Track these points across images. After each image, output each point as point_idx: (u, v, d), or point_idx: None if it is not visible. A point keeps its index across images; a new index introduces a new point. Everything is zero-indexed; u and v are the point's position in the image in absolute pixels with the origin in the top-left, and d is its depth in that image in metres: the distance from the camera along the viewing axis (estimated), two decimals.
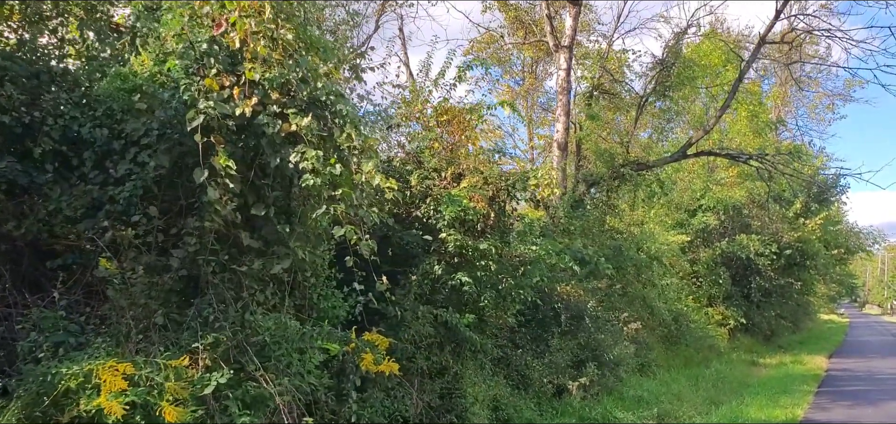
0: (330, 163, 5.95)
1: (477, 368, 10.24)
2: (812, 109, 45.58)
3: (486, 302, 9.44)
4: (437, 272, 9.31)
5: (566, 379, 12.57)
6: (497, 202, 9.87)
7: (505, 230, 10.43)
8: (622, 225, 20.34)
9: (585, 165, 20.22)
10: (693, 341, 21.43)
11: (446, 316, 8.85)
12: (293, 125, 6.04)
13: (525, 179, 10.23)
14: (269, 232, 6.26)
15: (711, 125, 19.57)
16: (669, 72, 18.66)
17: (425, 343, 8.88)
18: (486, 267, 9.52)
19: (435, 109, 10.29)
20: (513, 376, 11.82)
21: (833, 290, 61.47)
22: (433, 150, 10.08)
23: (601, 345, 13.69)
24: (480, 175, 9.75)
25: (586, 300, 13.76)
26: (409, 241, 9.60)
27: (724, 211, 28.13)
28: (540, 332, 13.12)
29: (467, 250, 9.44)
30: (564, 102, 19.70)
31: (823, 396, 17.29)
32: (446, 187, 9.70)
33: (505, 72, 30.03)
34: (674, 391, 16.06)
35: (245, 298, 6.18)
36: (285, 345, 6.10)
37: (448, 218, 9.27)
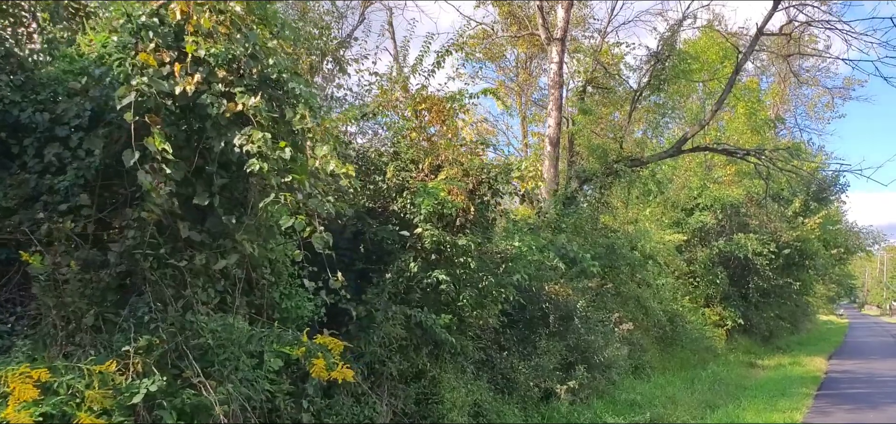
0: (279, 146, 5.37)
1: (457, 371, 9.66)
2: (811, 108, 45.11)
3: (464, 302, 8.85)
4: (412, 270, 8.73)
5: (554, 383, 11.99)
6: (477, 196, 9.28)
7: (487, 226, 9.85)
8: (616, 223, 19.77)
9: (578, 161, 19.63)
10: (689, 342, 20.86)
11: (421, 317, 8.26)
12: (240, 105, 5.46)
13: (508, 171, 9.64)
14: (213, 224, 5.68)
15: (708, 119, 18.98)
16: (664, 65, 18.06)
17: (397, 346, 8.28)
18: (465, 264, 8.94)
19: (412, 97, 9.71)
20: (497, 379, 11.24)
21: (832, 290, 60.97)
22: (411, 140, 9.50)
23: (591, 347, 13.10)
24: (460, 167, 9.15)
25: (576, 300, 13.17)
26: (383, 236, 9.02)
27: (721, 210, 27.55)
28: (527, 333, 12.54)
29: (445, 246, 8.85)
30: (556, 97, 19.14)
31: (823, 399, 16.73)
32: (424, 179, 9.11)
33: (498, 68, 29.48)
34: (668, 394, 15.49)
35: (187, 296, 5.59)
36: (232, 348, 5.51)
37: (424, 212, 8.68)
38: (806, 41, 22.15)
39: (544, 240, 9.57)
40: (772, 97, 38.74)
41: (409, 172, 9.29)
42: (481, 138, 10.33)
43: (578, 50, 21.39)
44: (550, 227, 16.58)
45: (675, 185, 27.46)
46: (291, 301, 7.49)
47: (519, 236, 9.52)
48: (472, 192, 9.24)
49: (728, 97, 31.04)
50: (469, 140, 10.18)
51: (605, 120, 19.74)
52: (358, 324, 8.07)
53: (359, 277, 9.08)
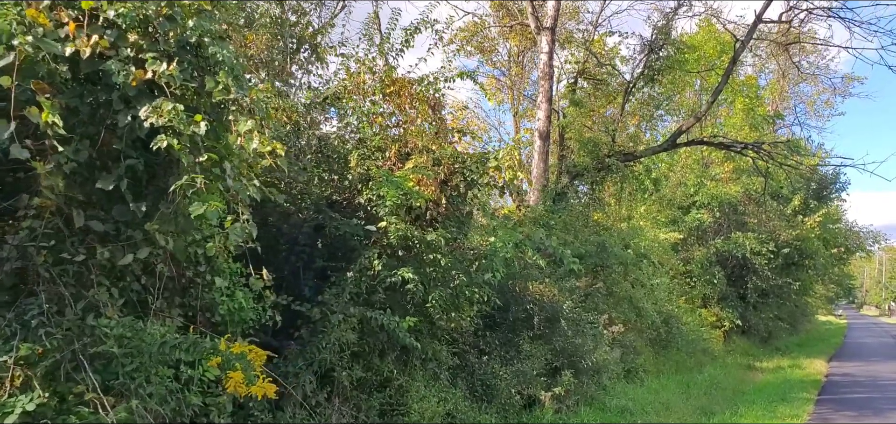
0: (194, 120, 4.55)
1: (428, 379, 8.83)
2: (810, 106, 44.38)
3: (434, 303, 8.02)
4: (376, 268, 7.90)
5: (538, 389, 11.17)
6: (450, 187, 8.46)
7: (462, 220, 9.04)
8: (609, 220, 18.97)
9: (569, 155, 18.82)
10: (685, 344, 20.05)
11: (383, 319, 7.43)
12: (150, 72, 4.65)
13: (484, 160, 8.81)
14: (120, 213, 4.85)
15: (704, 111, 18.19)
16: (658, 55, 17.27)
17: (351, 352, 7.46)
18: (435, 262, 8.12)
19: (380, 80, 8.89)
20: (476, 386, 10.42)
21: (831, 291, 60.27)
22: (378, 125, 8.69)
23: (579, 350, 12.26)
24: (430, 155, 8.33)
25: (562, 301, 12.34)
26: (346, 231, 8.20)
27: (718, 208, 26.78)
28: (510, 336, 11.72)
29: (413, 241, 8.04)
30: (546, 89, 18.33)
31: (824, 404, 15.94)
32: (391, 168, 8.30)
33: (490, 62, 28.71)
34: (662, 399, 14.69)
35: (90, 297, 4.77)
36: (141, 358, 4.70)
37: (389, 204, 7.87)
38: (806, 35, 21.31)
39: (520, 235, 8.74)
40: (770, 93, 37.97)
41: (375, 160, 8.48)
42: (458, 126, 9.52)
43: (570, 40, 20.57)
44: (538, 223, 15.80)
45: (672, 182, 26.67)
46: (233, 303, 6.67)
47: (494, 231, 8.68)
48: (444, 183, 8.43)
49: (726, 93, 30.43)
50: (443, 127, 9.39)
51: (597, 113, 18.91)
52: (311, 328, 7.25)
53: (319, 276, 8.28)
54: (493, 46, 28.82)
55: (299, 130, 8.63)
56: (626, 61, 19.17)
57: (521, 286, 12.20)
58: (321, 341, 7.05)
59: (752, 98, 30.82)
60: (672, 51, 17.46)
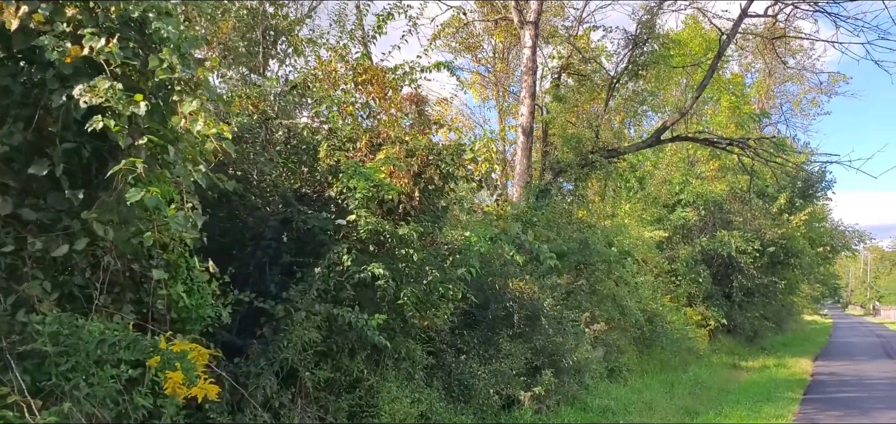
0: (133, 100, 4.21)
1: (401, 379, 8.50)
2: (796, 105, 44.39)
3: (406, 300, 7.69)
4: (345, 263, 7.57)
5: (517, 389, 10.86)
6: (423, 179, 8.13)
7: (438, 214, 8.72)
8: (592, 218, 18.72)
9: (552, 151, 18.53)
10: (669, 343, 19.82)
11: (350, 317, 7.10)
12: (86, 48, 4.30)
13: (460, 151, 8.49)
14: (55, 200, 4.50)
15: (688, 107, 17.94)
16: (642, 49, 17.00)
17: (314, 351, 7.11)
18: (407, 257, 7.80)
19: (352, 68, 8.56)
20: (453, 386, 10.11)
21: (817, 290, 60.43)
22: (350, 115, 8.35)
23: (560, 349, 11.96)
24: (403, 146, 8.00)
25: (542, 298, 12.04)
26: (314, 225, 7.86)
27: (704, 206, 26.60)
28: (490, 335, 11.42)
29: (384, 236, 7.71)
30: (529, 84, 18.02)
31: (810, 404, 15.74)
32: (362, 159, 7.96)
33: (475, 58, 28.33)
34: (646, 399, 14.44)
35: (20, 291, 4.42)
36: (76, 356, 4.35)
37: (359, 196, 7.54)
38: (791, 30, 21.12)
39: (495, 229, 8.42)
40: (756, 92, 37.89)
41: (346, 152, 8.14)
42: (435, 118, 9.20)
43: (554, 36, 20.27)
44: (520, 219, 15.50)
45: (657, 180, 26.47)
46: (192, 299, 6.32)
47: (468, 225, 8.36)
48: (418, 175, 8.10)
49: (712, 91, 30.26)
50: (425, 120, 9.06)
51: (581, 108, 18.63)
52: (273, 327, 6.92)
53: (286, 272, 7.94)
54: (478, 43, 28.46)
55: (268, 119, 8.29)
56: (610, 57, 18.89)
57: (501, 283, 11.90)
58: (283, 340, 6.71)
59: (739, 96, 30.67)
60: (656, 46, 17.21)
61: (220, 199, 8.56)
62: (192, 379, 4.62)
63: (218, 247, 8.54)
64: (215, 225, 8.45)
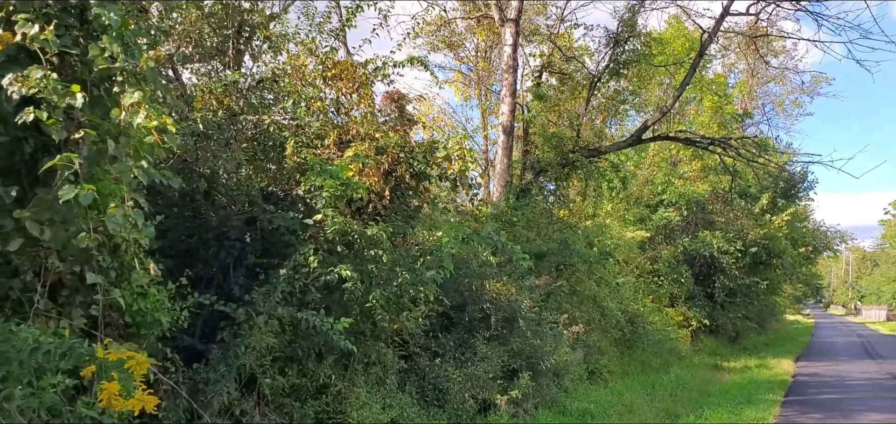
0: (70, 91, 3.93)
1: (372, 384, 8.24)
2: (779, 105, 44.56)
3: (375, 302, 7.43)
4: (311, 264, 7.29)
5: (494, 393, 10.63)
6: (394, 177, 7.88)
7: (410, 214, 8.46)
8: (574, 218, 18.52)
9: (533, 151, 18.32)
10: (650, 344, 19.66)
11: (314, 320, 6.82)
12: (19, 35, 4.01)
13: (433, 149, 8.24)
14: None
15: (670, 105, 17.78)
16: (624, 48, 16.83)
17: (272, 357, 6.83)
18: (376, 258, 7.53)
19: (322, 62, 8.28)
20: (427, 391, 9.85)
21: (799, 290, 60.81)
22: (318, 110, 8.08)
23: (538, 351, 11.74)
24: (373, 143, 7.74)
25: (520, 300, 11.82)
26: (279, 225, 7.58)
27: (686, 207, 26.52)
28: (466, 337, 11.17)
29: (352, 236, 7.44)
30: (510, 82, 17.83)
31: (791, 406, 15.61)
32: (330, 156, 7.69)
33: (457, 57, 28.12)
34: (626, 401, 14.24)
35: None
36: (7, 366, 4.05)
37: (326, 195, 7.26)
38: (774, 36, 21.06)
39: (467, 229, 8.16)
40: (739, 92, 37.93)
41: (314, 149, 7.87)
42: (408, 115, 8.94)
43: (536, 33, 20.07)
44: (499, 219, 15.29)
45: (639, 180, 26.36)
46: (146, 302, 6.03)
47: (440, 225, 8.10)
48: (389, 173, 7.84)
49: (694, 91, 30.18)
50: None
51: (562, 107, 18.43)
52: (233, 331, 6.63)
53: (250, 273, 7.65)
54: (461, 41, 28.27)
55: (234, 115, 8.00)
56: (592, 55, 18.71)
57: (478, 284, 11.67)
58: (240, 344, 6.43)
59: (721, 96, 30.64)
60: (638, 44, 17.05)
61: (184, 198, 8.28)
62: (130, 390, 4.33)
63: (185, 248, 8.26)
64: (181, 225, 8.17)
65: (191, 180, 7.88)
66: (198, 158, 8.07)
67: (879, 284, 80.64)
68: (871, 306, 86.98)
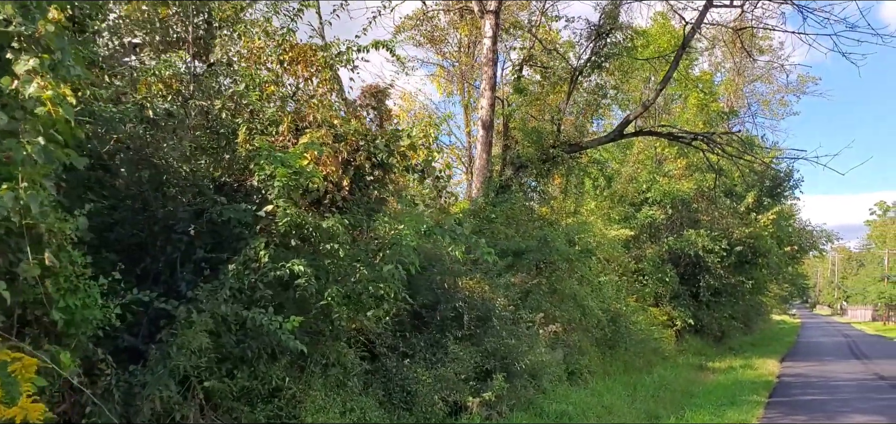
0: None
1: (331, 387, 7.77)
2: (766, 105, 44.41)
3: (330, 300, 6.95)
4: (262, 259, 6.81)
5: (465, 395, 10.17)
6: (353, 167, 7.40)
7: (372, 207, 7.99)
8: (555, 215, 18.10)
9: (513, 146, 17.89)
10: (633, 344, 19.27)
11: (261, 319, 6.34)
12: None
13: (396, 137, 7.77)
14: None
15: (652, 99, 17.42)
16: (606, 41, 16.42)
17: (209, 357, 6.33)
18: (332, 253, 7.06)
19: (278, 45, 7.79)
20: (394, 393, 9.39)
21: (785, 290, 60.82)
22: (273, 95, 7.59)
23: (513, 352, 11.29)
24: (330, 130, 7.26)
25: (495, 298, 11.37)
26: (230, 217, 7.10)
27: (671, 205, 26.16)
28: (438, 337, 10.71)
29: (307, 229, 6.97)
30: (490, 75, 17.40)
31: (775, 408, 15.25)
32: (284, 144, 7.21)
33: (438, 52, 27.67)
34: (606, 402, 13.83)
35: None
36: None
37: (278, 185, 6.78)
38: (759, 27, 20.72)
39: (430, 222, 7.69)
40: (725, 89, 37.67)
41: (268, 136, 7.39)
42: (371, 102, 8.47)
43: (517, 26, 19.63)
44: (478, 216, 14.86)
45: (623, 177, 25.99)
46: (75, 299, 5.54)
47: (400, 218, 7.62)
48: (347, 162, 7.37)
49: (679, 88, 29.86)
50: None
51: (543, 101, 18.00)
52: (171, 331, 6.14)
53: (199, 269, 7.16)
54: (444, 37, 27.84)
55: (185, 101, 7.51)
56: (573, 47, 18.27)
57: (451, 282, 11.22)
58: (172, 345, 5.93)
59: (707, 93, 30.32)
60: (620, 36, 16.65)
61: (131, 189, 7.79)
62: (15, 396, 3.83)
63: (135, 242, 7.76)
64: (131, 218, 7.68)
65: (137, 170, 7.39)
66: (147, 145, 7.57)
67: (865, 284, 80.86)
68: (857, 306, 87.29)
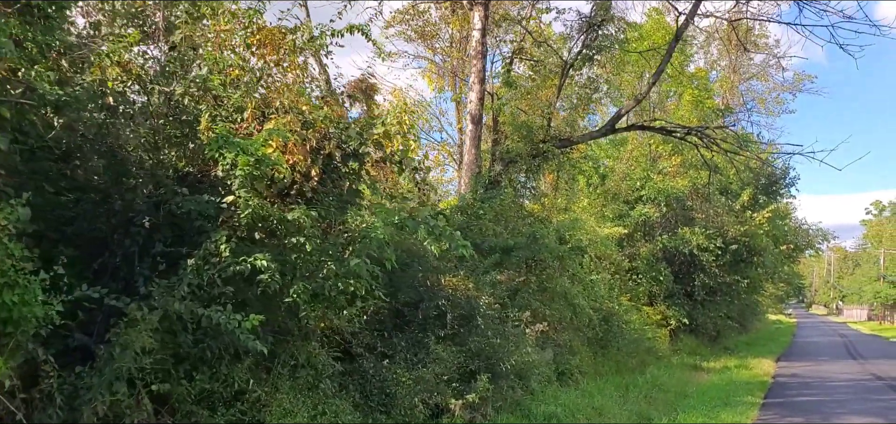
0: None
1: (301, 389, 7.34)
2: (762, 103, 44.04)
3: (296, 297, 6.52)
4: (223, 253, 6.38)
5: (448, 397, 9.75)
6: (322, 156, 6.97)
7: (346, 199, 7.57)
8: (546, 212, 17.70)
9: (502, 140, 17.47)
10: (626, 344, 18.87)
11: (218, 317, 5.91)
12: None
13: (369, 125, 7.34)
14: None
15: (645, 93, 17.02)
16: (597, 33, 16.01)
17: (165, 360, 5.91)
18: (299, 247, 6.63)
19: (245, 27, 7.36)
20: (372, 395, 8.97)
21: (781, 289, 60.53)
22: (237, 80, 7.16)
23: (498, 351, 10.86)
24: (298, 116, 6.83)
25: (479, 296, 10.94)
26: (191, 209, 6.67)
27: (665, 203, 25.75)
28: (421, 337, 10.30)
29: (271, 221, 6.54)
30: (479, 68, 16.98)
31: (770, 409, 14.87)
32: (250, 131, 6.77)
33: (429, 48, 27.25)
34: (596, 404, 13.43)
35: None
36: None
37: (240, 174, 6.35)
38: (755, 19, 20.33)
39: (402, 213, 7.24)
40: (720, 86, 37.30)
41: (232, 122, 6.95)
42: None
43: (506, 18, 19.21)
44: (465, 212, 14.44)
45: (617, 174, 25.59)
46: (12, 295, 5.12)
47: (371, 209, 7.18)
48: (317, 151, 6.93)
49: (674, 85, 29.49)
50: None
51: (534, 95, 17.58)
52: (117, 331, 5.70)
53: (157, 264, 6.72)
54: (435, 31, 27.44)
55: (144, 85, 7.07)
56: (564, 40, 17.84)
57: (434, 279, 10.80)
58: (115, 346, 5.50)
59: (702, 90, 29.96)
60: (612, 28, 16.24)
61: (90, 180, 7.36)
62: None
63: (95, 236, 7.33)
64: (91, 211, 7.26)
65: (93, 159, 6.95)
66: (106, 134, 7.14)
67: (861, 284, 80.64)
68: (853, 305, 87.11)
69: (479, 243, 13.96)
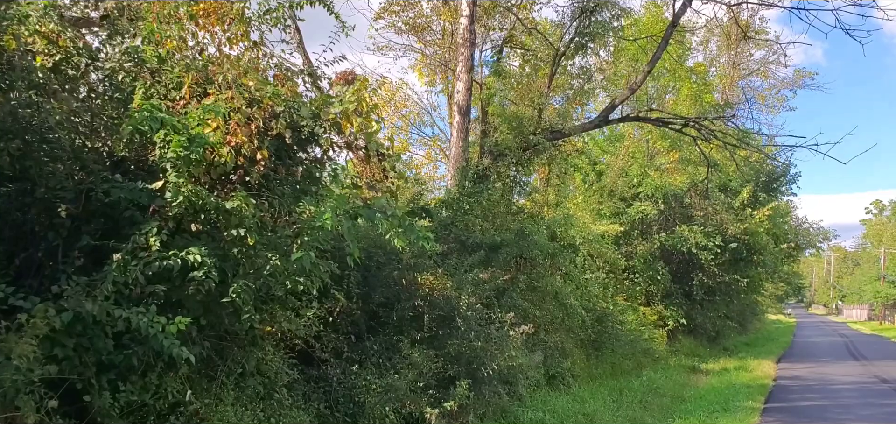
0: None
1: (250, 399, 6.55)
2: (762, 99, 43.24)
3: (236, 296, 5.73)
4: (153, 246, 5.58)
5: (423, 405, 8.96)
6: (270, 137, 6.18)
7: (301, 187, 6.77)
8: (536, 207, 16.91)
9: (492, 132, 16.69)
10: (621, 345, 18.08)
11: (139, 321, 5.12)
12: None
13: (325, 103, 6.55)
14: None
15: (639, 82, 16.18)
16: (590, 20, 15.22)
17: (100, 366, 5.10)
18: (240, 240, 5.83)
19: None
20: (338, 405, 8.19)
21: (781, 289, 59.75)
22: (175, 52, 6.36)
23: (480, 355, 10.05)
24: (243, 93, 6.04)
25: (459, 296, 10.14)
26: (120, 197, 5.88)
27: (663, 200, 24.94)
28: (396, 340, 9.51)
29: (207, 210, 5.74)
30: (467, 57, 16.19)
31: (771, 414, 14.11)
32: (185, 109, 5.98)
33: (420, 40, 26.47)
34: (588, 410, 12.69)
35: None
36: None
37: (171, 156, 5.56)
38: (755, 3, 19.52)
39: (357, 202, 6.43)
40: (720, 81, 36.50)
41: (170, 100, 6.16)
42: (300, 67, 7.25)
43: (496, 8, 18.41)
44: (450, 207, 13.66)
45: (613, 170, 24.79)
46: None
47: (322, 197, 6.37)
48: (264, 132, 6.14)
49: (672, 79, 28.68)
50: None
51: (524, 86, 16.78)
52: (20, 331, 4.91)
53: (87, 258, 5.94)
54: (427, 24, 26.69)
55: (70, 58, 6.28)
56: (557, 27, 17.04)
57: (410, 278, 10.01)
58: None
59: (701, 84, 29.15)
60: (607, 15, 15.45)
61: (15, 166, 6.57)
62: None
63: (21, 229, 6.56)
64: (17, 201, 6.47)
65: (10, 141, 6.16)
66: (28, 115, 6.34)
67: (860, 283, 79.94)
68: (853, 305, 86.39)
69: (463, 239, 13.19)
